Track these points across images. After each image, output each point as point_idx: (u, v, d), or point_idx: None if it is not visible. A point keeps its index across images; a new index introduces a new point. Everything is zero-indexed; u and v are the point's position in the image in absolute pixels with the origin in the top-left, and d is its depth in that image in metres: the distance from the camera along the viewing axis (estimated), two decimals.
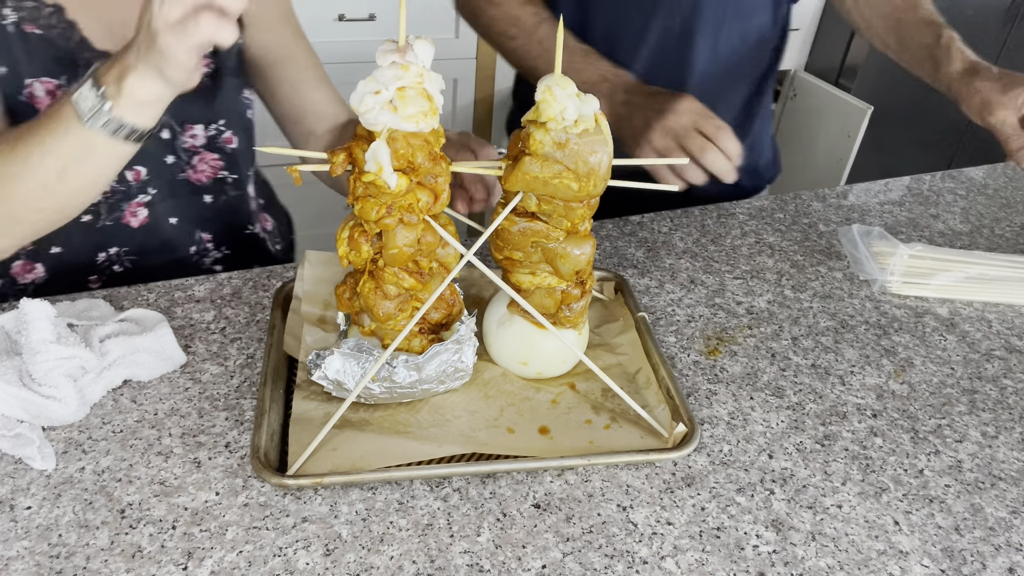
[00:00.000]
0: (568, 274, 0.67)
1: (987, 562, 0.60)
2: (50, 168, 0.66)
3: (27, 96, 0.77)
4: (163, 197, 0.90)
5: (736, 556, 0.58)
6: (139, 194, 0.88)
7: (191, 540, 0.56)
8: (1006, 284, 0.92)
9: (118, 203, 0.88)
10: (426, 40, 0.58)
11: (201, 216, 0.95)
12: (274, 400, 0.67)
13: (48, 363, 0.63)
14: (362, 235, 0.63)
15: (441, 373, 0.66)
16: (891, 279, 0.92)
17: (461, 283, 0.81)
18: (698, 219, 1.05)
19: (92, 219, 0.87)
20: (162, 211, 0.91)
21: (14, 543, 0.55)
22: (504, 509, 0.61)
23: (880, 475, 0.67)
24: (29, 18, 0.76)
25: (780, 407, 0.73)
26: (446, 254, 0.66)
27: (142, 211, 0.89)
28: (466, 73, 2.26)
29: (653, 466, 0.65)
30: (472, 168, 0.66)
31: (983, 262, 0.94)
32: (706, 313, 0.86)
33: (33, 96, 0.77)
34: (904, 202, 1.15)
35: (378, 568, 0.56)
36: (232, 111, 0.93)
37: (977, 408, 0.75)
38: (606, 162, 0.61)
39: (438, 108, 0.59)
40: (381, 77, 0.57)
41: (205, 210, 0.94)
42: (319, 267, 0.80)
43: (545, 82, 0.59)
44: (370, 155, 0.57)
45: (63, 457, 0.62)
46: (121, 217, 0.88)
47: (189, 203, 0.93)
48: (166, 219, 0.91)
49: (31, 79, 0.77)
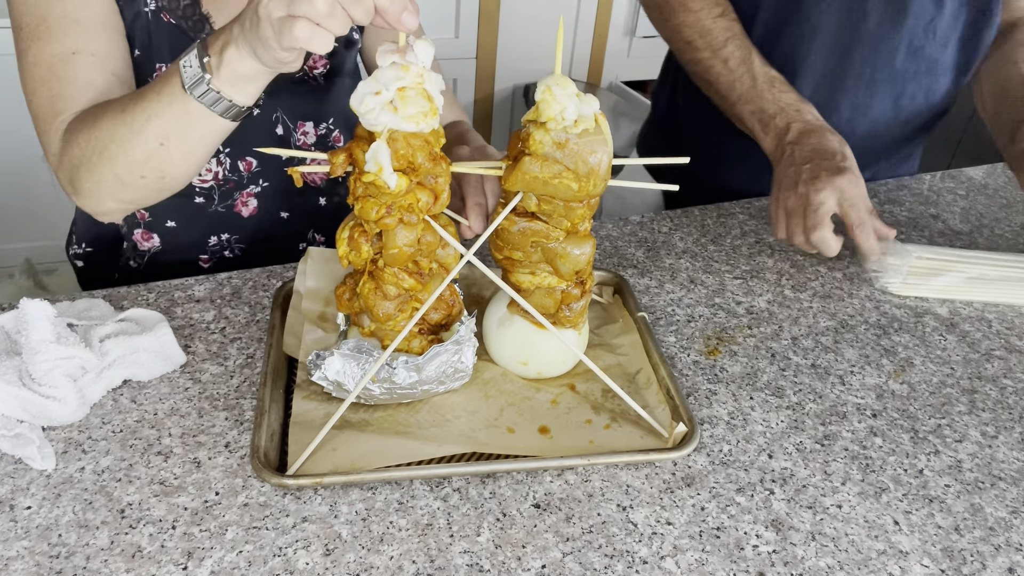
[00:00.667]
0: (568, 274, 0.67)
1: (987, 562, 0.60)
2: (153, 133, 0.68)
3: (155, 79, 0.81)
4: (275, 191, 0.94)
5: (736, 556, 0.58)
6: (250, 184, 0.92)
7: (191, 540, 0.56)
8: (1006, 284, 0.92)
9: (231, 191, 0.92)
10: (426, 40, 0.58)
11: (316, 215, 0.98)
12: (274, 400, 0.67)
13: (48, 363, 0.63)
14: (362, 235, 0.63)
15: (441, 374, 0.66)
16: (892, 281, 0.92)
17: (461, 282, 0.81)
18: (698, 219, 1.05)
19: (205, 202, 0.91)
20: (274, 204, 0.94)
21: (14, 543, 0.55)
22: (504, 509, 0.61)
23: (880, 475, 0.67)
24: (167, 7, 0.80)
25: (780, 407, 0.73)
26: (446, 254, 0.67)
27: (252, 201, 0.93)
28: (466, 73, 2.27)
29: (653, 466, 0.65)
30: (472, 168, 0.66)
31: (983, 262, 0.94)
32: (706, 313, 0.86)
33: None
34: (904, 202, 1.15)
35: (378, 568, 0.56)
36: (342, 111, 0.96)
37: (977, 408, 0.75)
38: (606, 162, 0.61)
39: (438, 108, 0.59)
40: (381, 77, 0.57)
41: (320, 210, 0.97)
42: (321, 264, 0.80)
43: (545, 82, 0.59)
44: (370, 155, 0.57)
45: (63, 457, 0.62)
46: (233, 205, 0.92)
47: (303, 202, 0.97)
48: (278, 213, 0.95)
49: (161, 63, 0.81)
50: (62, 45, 0.73)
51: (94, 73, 0.74)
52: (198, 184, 0.89)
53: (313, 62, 0.88)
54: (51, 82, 0.73)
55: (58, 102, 0.73)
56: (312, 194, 0.97)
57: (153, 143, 0.68)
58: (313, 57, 0.88)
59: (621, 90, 2.41)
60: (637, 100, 2.35)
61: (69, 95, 0.73)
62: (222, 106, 0.66)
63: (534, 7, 2.21)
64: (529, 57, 2.29)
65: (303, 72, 0.88)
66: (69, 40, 0.73)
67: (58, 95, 0.73)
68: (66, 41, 0.73)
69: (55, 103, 0.73)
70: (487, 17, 2.18)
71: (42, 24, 0.73)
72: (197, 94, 0.65)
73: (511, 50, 2.26)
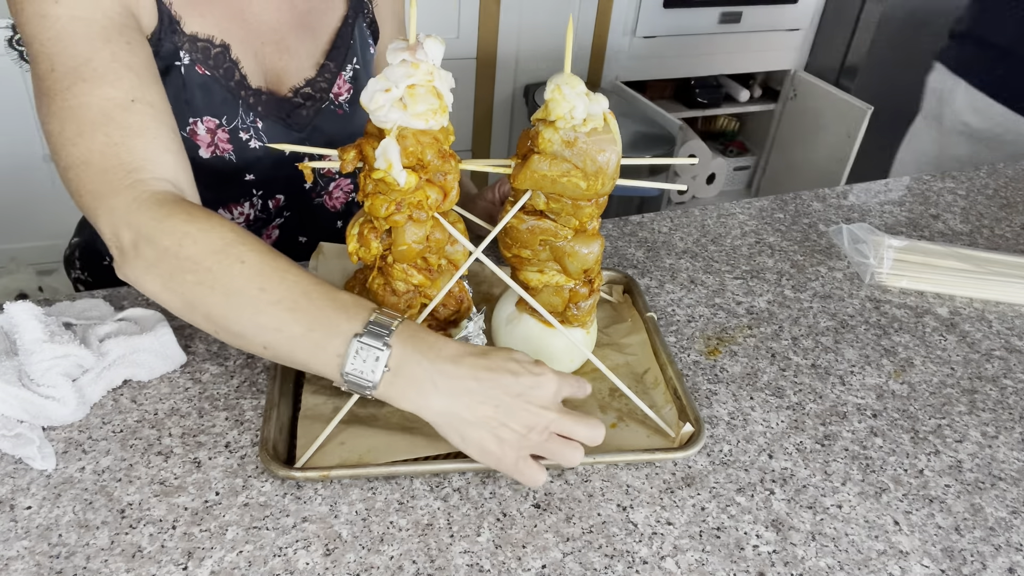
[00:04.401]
0: (576, 272, 0.67)
1: (987, 562, 0.60)
2: (262, 344, 0.59)
3: (189, 133, 0.80)
4: (298, 221, 0.94)
5: (736, 556, 0.58)
6: (276, 218, 0.92)
7: (191, 540, 0.56)
8: (1006, 284, 0.93)
9: (258, 229, 0.92)
10: (436, 38, 0.59)
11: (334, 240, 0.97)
12: (283, 394, 0.68)
13: (44, 363, 0.63)
14: (372, 231, 0.63)
15: None
16: (881, 270, 0.93)
17: (470, 279, 0.82)
18: (698, 219, 1.05)
19: None
20: (293, 230, 0.95)
21: (14, 543, 0.55)
22: (504, 509, 0.61)
23: (880, 475, 0.67)
24: (201, 60, 0.78)
25: (780, 407, 0.73)
26: (455, 251, 0.67)
27: (275, 232, 0.93)
28: (466, 73, 2.26)
29: (653, 466, 0.65)
30: (482, 167, 0.66)
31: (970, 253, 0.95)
32: (706, 313, 0.86)
33: (195, 133, 0.81)
34: (904, 202, 1.15)
35: (378, 568, 0.56)
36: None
37: (977, 408, 0.75)
38: (614, 161, 0.61)
39: (447, 106, 0.59)
40: (391, 75, 0.57)
41: (337, 235, 0.97)
42: (332, 260, 0.80)
43: (554, 80, 0.60)
44: (380, 152, 0.57)
45: (63, 457, 0.62)
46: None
47: (323, 228, 0.97)
48: (296, 237, 0.95)
49: (194, 118, 0.80)
50: (117, 90, 0.65)
51: (159, 127, 0.67)
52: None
53: (338, 89, 0.88)
54: (108, 128, 0.64)
55: (124, 153, 0.64)
56: (332, 219, 0.97)
57: (256, 347, 0.60)
58: (337, 84, 0.88)
59: (621, 90, 2.41)
60: (637, 100, 2.35)
61: (138, 147, 0.64)
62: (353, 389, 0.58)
63: (534, 7, 2.21)
64: (529, 57, 2.29)
65: (329, 101, 0.88)
66: (125, 85, 0.65)
67: (122, 144, 0.64)
68: (122, 86, 0.65)
69: (120, 153, 0.64)
70: (487, 17, 2.18)
71: (86, 65, 0.65)
72: (347, 381, 0.57)
73: (511, 50, 2.26)
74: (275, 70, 0.84)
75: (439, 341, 0.58)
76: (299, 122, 0.86)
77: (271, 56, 0.83)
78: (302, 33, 0.85)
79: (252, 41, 0.82)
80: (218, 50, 0.79)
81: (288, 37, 0.84)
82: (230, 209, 0.88)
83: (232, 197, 0.87)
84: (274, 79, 0.84)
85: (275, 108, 0.84)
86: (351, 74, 0.89)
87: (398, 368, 0.56)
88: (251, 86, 0.82)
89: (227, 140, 0.82)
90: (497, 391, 0.56)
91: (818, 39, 2.57)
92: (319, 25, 0.86)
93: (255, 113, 0.82)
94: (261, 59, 0.83)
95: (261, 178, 0.86)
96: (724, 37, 2.45)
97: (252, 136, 0.83)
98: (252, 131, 0.83)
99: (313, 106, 0.87)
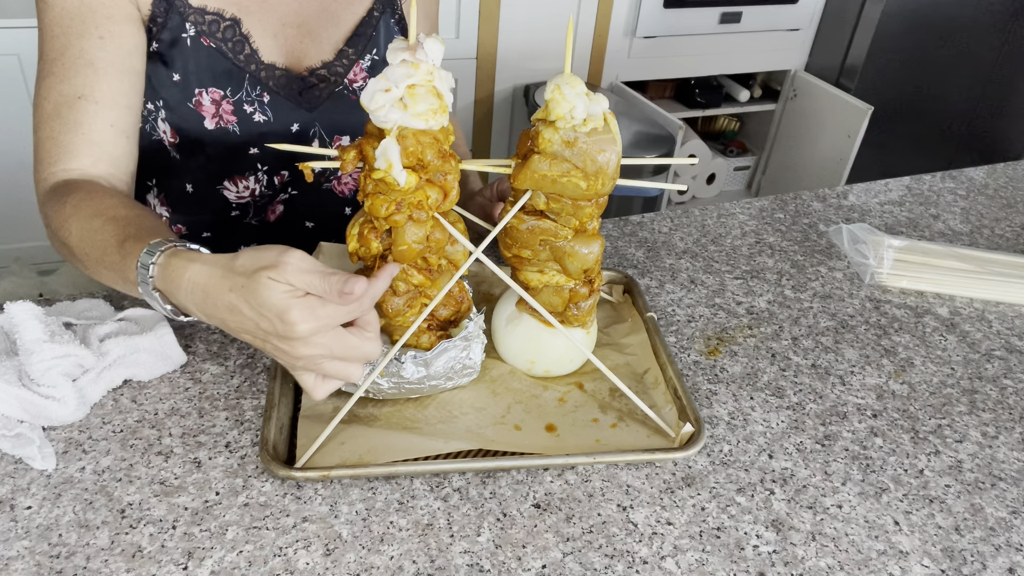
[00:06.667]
0: (576, 272, 0.67)
1: (987, 562, 0.60)
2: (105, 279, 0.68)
3: (195, 104, 0.82)
4: (305, 200, 0.95)
5: (736, 556, 0.58)
6: (281, 193, 0.93)
7: (191, 540, 0.56)
8: (1006, 284, 0.93)
9: (264, 205, 0.93)
10: (436, 38, 0.59)
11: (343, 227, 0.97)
12: (283, 394, 0.68)
13: (44, 363, 0.63)
14: (372, 231, 0.63)
15: (449, 370, 0.66)
16: (881, 270, 0.93)
17: (470, 279, 0.82)
18: (698, 219, 1.05)
19: (239, 215, 0.92)
20: (300, 212, 0.95)
21: (14, 543, 0.55)
22: (504, 509, 0.61)
23: (880, 475, 0.67)
24: (207, 32, 0.81)
25: (780, 407, 0.73)
26: (455, 251, 0.67)
27: (280, 208, 0.94)
28: (466, 73, 2.26)
29: (653, 466, 0.65)
30: (482, 167, 0.66)
31: (970, 253, 0.95)
32: (706, 313, 0.86)
33: (200, 104, 0.83)
34: (904, 202, 1.15)
35: (378, 568, 0.56)
36: None
37: (977, 408, 0.75)
38: (614, 161, 0.61)
39: (448, 106, 0.59)
40: (391, 75, 0.57)
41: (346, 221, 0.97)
42: (333, 259, 0.80)
43: (555, 80, 0.60)
44: (380, 152, 0.57)
45: (63, 457, 0.62)
46: (265, 217, 0.93)
47: (332, 213, 0.97)
48: (302, 221, 0.96)
49: (200, 88, 0.82)
50: (71, 86, 0.73)
51: (93, 122, 0.74)
52: (235, 200, 0.90)
53: (354, 75, 0.89)
54: (53, 122, 0.74)
55: (53, 148, 0.74)
56: (340, 206, 0.97)
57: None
58: (354, 71, 0.89)
59: (621, 90, 2.41)
60: (637, 100, 2.35)
61: (65, 143, 0.73)
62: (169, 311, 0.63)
63: (534, 7, 2.21)
64: (529, 57, 2.29)
65: (343, 86, 0.89)
66: (78, 82, 0.73)
67: (55, 140, 0.73)
68: (75, 83, 0.73)
69: (50, 147, 0.74)
70: (487, 17, 2.18)
71: (58, 60, 0.74)
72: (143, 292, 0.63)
73: (511, 50, 2.26)
74: (295, 51, 0.86)
75: (183, 283, 0.59)
76: (310, 101, 0.87)
77: (292, 38, 0.85)
78: (325, 19, 0.87)
79: (271, 21, 0.84)
80: (227, 23, 0.81)
81: (311, 21, 0.86)
82: (235, 182, 0.89)
83: (237, 170, 0.88)
84: (293, 59, 0.86)
85: (288, 84, 0.86)
86: (369, 64, 0.90)
87: (166, 289, 0.61)
88: (263, 61, 0.84)
89: (231, 112, 0.84)
90: (247, 335, 0.58)
91: (818, 39, 2.57)
92: (344, 12, 0.88)
93: (263, 87, 0.84)
94: (282, 40, 0.85)
95: (265, 152, 0.88)
96: (724, 37, 2.45)
97: (256, 109, 0.85)
98: (257, 104, 0.84)
99: (327, 88, 0.88)
